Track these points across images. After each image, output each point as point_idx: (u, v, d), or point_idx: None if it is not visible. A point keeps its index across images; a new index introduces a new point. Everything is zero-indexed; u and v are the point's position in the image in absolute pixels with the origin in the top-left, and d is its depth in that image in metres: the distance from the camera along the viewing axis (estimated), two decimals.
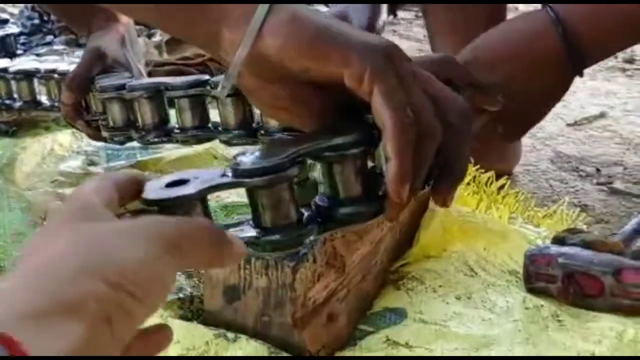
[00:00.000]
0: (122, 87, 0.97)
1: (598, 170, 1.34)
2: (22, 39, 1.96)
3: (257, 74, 0.55)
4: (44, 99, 1.34)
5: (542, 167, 1.36)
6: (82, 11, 1.20)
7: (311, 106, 0.57)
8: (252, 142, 0.87)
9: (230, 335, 0.79)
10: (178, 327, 0.79)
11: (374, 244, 0.91)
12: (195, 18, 0.55)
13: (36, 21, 2.02)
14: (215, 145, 1.21)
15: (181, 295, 0.86)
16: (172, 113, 0.98)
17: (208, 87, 0.88)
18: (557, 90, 0.86)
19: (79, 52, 1.89)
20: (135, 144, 1.33)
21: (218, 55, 0.57)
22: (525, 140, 1.37)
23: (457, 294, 0.90)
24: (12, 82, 1.35)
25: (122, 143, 1.08)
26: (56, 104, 1.27)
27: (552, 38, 0.82)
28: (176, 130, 0.93)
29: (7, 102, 1.38)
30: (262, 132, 0.86)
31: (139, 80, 0.99)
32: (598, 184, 1.28)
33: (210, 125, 0.92)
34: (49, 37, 1.96)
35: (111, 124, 1.02)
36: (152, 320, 0.82)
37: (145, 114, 0.95)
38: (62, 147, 1.34)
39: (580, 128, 1.56)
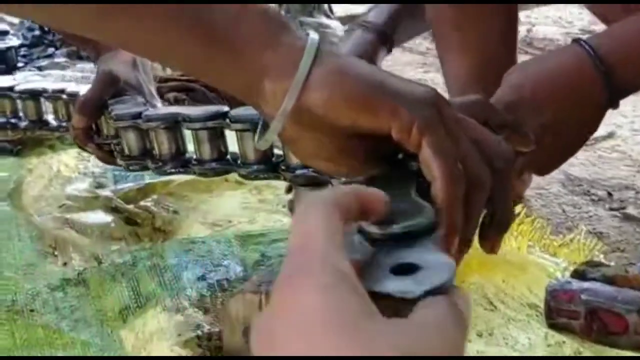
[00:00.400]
0: (138, 115, 0.95)
1: (610, 194, 1.33)
2: (22, 51, 1.94)
3: (300, 125, 0.53)
4: (50, 118, 1.32)
5: (553, 191, 1.35)
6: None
7: (356, 156, 0.55)
8: (273, 176, 0.86)
9: None
10: None
11: None
12: (233, 68, 0.53)
13: (37, 32, 2.00)
14: None
15: (199, 332, 0.84)
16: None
17: (227, 120, 0.86)
18: (593, 124, 0.87)
19: (81, 65, 1.88)
20: None
21: (255, 104, 0.56)
22: None
23: (478, 329, 0.89)
24: (18, 101, 1.33)
25: (138, 171, 1.06)
26: (64, 124, 1.25)
27: (591, 75, 0.82)
28: (194, 162, 0.91)
29: (13, 120, 1.35)
30: (283, 167, 0.85)
31: (156, 109, 0.97)
32: (611, 209, 1.27)
33: (229, 157, 0.90)
34: (51, 50, 1.94)
35: (127, 152, 1.00)
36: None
37: (162, 144, 0.93)
38: (68, 168, 1.32)
39: (588, 149, 1.55)
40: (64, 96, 1.22)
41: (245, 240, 1.01)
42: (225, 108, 0.89)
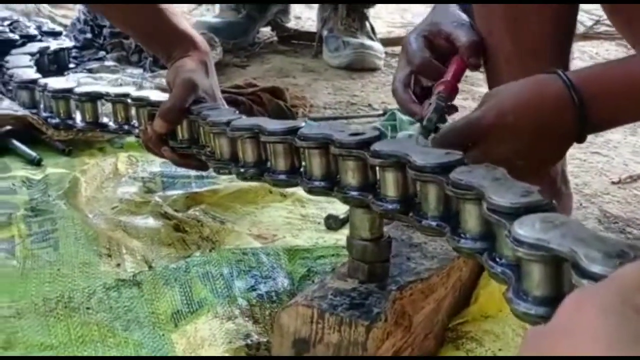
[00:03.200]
0: (229, 123, 1.00)
1: None
2: (73, 52, 1.99)
3: None
4: (106, 120, 1.37)
5: (589, 227, 1.37)
6: (164, 38, 1.23)
7: None
8: (332, 195, 0.89)
9: None
10: None
11: (437, 302, 0.93)
12: None
13: (88, 35, 2.05)
14: None
15: (249, 341, 0.87)
16: None
17: (296, 137, 0.90)
18: (560, 153, 0.97)
19: (131, 70, 1.93)
20: (191, 173, 1.36)
21: None
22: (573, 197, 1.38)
23: None
24: (77, 103, 1.37)
25: (226, 174, 1.11)
26: (125, 127, 1.29)
27: (567, 107, 0.86)
28: (268, 173, 0.95)
29: (69, 121, 1.40)
30: (336, 188, 0.88)
31: (242, 120, 1.02)
32: None
33: (302, 170, 0.93)
34: (101, 53, 1.99)
35: (218, 156, 1.06)
36: None
37: (246, 152, 0.98)
38: (118, 171, 1.36)
39: (624, 187, 1.57)
40: (129, 100, 1.26)
41: (292, 255, 1.05)
42: (302, 123, 0.93)
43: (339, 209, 1.26)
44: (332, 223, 1.23)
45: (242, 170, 0.99)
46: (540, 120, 0.88)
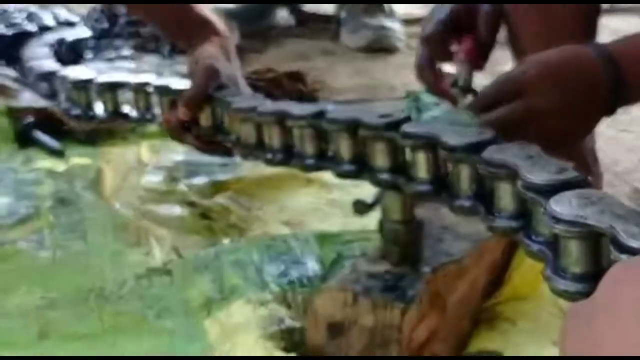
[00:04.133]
0: (255, 109, 0.99)
1: None
2: (90, 42, 1.98)
3: None
4: (126, 109, 1.36)
5: None
6: (184, 25, 1.22)
7: None
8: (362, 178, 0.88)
9: None
10: None
11: (471, 283, 0.92)
12: None
13: (105, 25, 2.04)
14: None
15: (282, 326, 0.87)
16: None
17: (324, 120, 0.88)
18: (592, 121, 0.90)
19: (148, 58, 1.92)
20: (215, 160, 1.35)
21: None
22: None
23: (552, 339, 0.90)
24: (97, 93, 1.36)
25: (254, 160, 1.10)
26: (146, 115, 1.29)
27: (597, 66, 0.85)
28: (296, 158, 0.94)
29: (90, 112, 1.39)
30: (367, 171, 0.86)
31: (267, 104, 1.00)
32: None
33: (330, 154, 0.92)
34: (118, 42, 1.98)
35: (244, 142, 1.04)
36: (255, 350, 0.83)
37: (273, 137, 0.96)
38: (142, 160, 1.36)
39: None
40: (150, 88, 1.25)
41: (322, 240, 1.04)
42: (329, 106, 0.91)
43: (366, 193, 1.25)
44: (361, 208, 1.22)
45: (269, 156, 0.98)
46: (581, 76, 0.86)
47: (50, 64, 1.59)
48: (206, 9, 1.27)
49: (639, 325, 0.33)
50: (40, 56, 1.67)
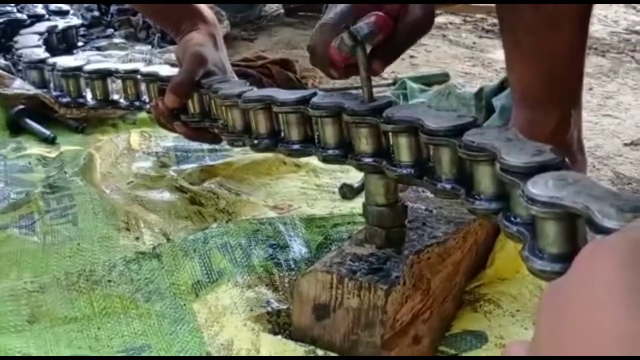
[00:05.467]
0: (241, 95, 1.00)
1: None
2: (81, 31, 1.99)
3: None
4: (115, 96, 1.37)
5: None
6: (173, 13, 1.23)
7: None
8: (347, 163, 0.89)
9: (320, 352, 0.82)
10: (270, 343, 0.82)
11: (454, 266, 0.94)
12: None
13: (96, 13, 2.05)
14: None
15: (269, 308, 0.88)
16: None
17: (309, 106, 0.89)
18: None
19: (139, 47, 1.93)
20: (204, 146, 1.37)
21: None
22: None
23: (534, 319, 0.92)
24: (87, 81, 1.38)
25: (240, 147, 1.11)
26: (136, 103, 1.30)
27: None
28: (282, 143, 0.95)
29: (80, 99, 1.41)
30: (350, 156, 0.88)
31: (253, 91, 1.01)
32: None
33: (316, 140, 0.93)
34: (109, 31, 1.99)
35: (230, 129, 1.06)
36: (244, 334, 0.85)
37: (259, 123, 0.97)
38: (132, 147, 1.37)
39: (637, 148, 1.57)
40: (139, 76, 1.26)
41: (309, 223, 1.05)
42: (316, 92, 0.92)
43: (353, 178, 1.27)
44: (347, 192, 1.24)
45: (255, 141, 0.99)
46: None
47: (39, 53, 1.60)
48: None
49: (611, 296, 0.35)
50: (30, 45, 1.68)
